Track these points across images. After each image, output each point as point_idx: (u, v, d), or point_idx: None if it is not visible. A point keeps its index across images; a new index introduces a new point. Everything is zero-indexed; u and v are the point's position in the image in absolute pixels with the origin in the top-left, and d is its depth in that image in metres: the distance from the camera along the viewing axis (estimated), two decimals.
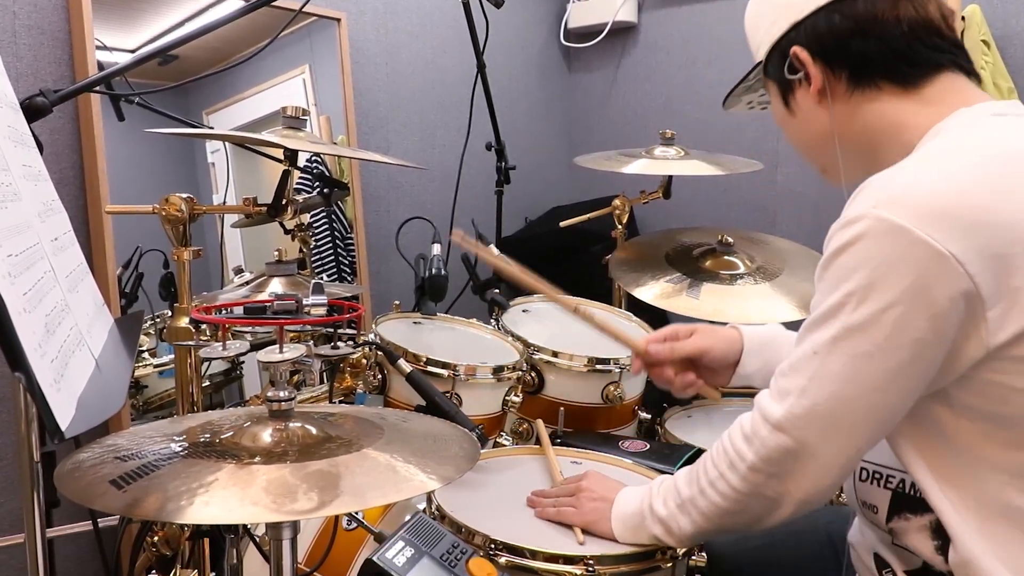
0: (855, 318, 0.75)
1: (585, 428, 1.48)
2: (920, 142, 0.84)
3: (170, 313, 1.24)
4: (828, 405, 0.78)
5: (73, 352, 0.74)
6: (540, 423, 1.34)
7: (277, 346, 0.84)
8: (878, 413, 0.78)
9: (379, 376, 1.32)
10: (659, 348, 1.09)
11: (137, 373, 1.53)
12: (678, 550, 0.96)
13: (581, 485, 1.04)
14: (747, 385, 1.12)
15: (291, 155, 1.19)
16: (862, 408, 0.78)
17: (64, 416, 0.63)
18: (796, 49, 0.89)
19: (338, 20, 1.94)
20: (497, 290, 1.62)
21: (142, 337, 1.52)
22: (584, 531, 1.00)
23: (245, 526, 1.07)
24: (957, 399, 0.78)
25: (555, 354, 1.48)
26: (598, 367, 1.47)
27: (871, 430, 0.80)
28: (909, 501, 0.86)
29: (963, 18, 1.78)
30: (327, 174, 1.92)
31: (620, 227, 1.89)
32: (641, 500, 0.97)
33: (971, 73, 0.88)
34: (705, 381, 1.12)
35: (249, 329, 1.39)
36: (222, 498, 0.66)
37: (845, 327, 0.76)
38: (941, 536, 0.82)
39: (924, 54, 0.85)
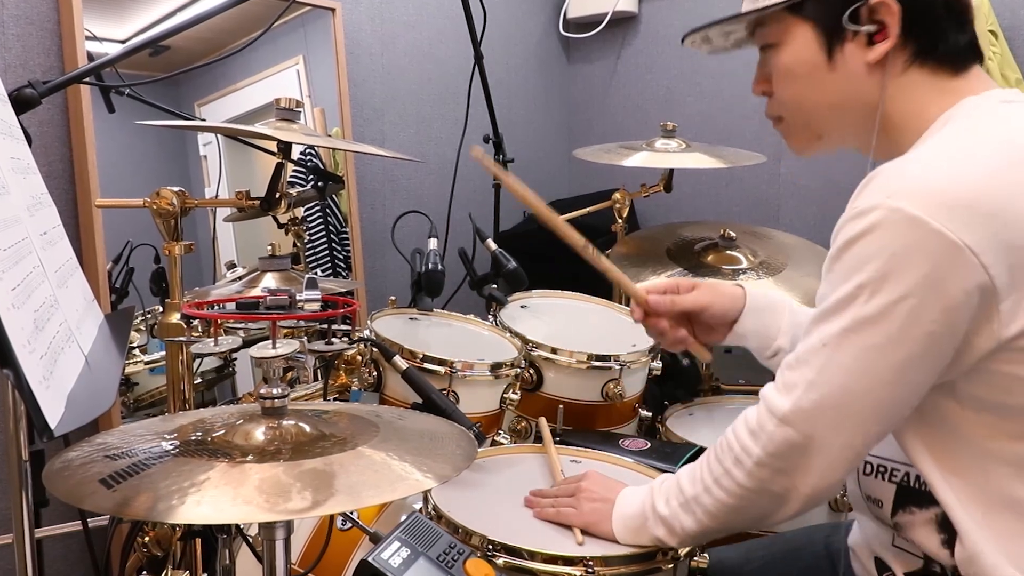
0: (867, 310, 0.73)
1: (585, 426, 1.46)
2: (928, 130, 0.82)
3: (161, 309, 1.22)
4: (836, 398, 0.77)
5: (62, 348, 0.74)
6: (543, 421, 1.33)
7: (270, 341, 0.82)
8: (887, 406, 0.77)
9: (374, 373, 1.31)
10: (660, 300, 1.06)
11: (128, 370, 1.52)
12: (680, 551, 0.94)
13: (581, 485, 1.02)
14: (740, 344, 1.09)
15: (285, 148, 1.18)
16: (871, 401, 0.77)
17: (53, 414, 0.63)
18: None
19: (332, 10, 1.92)
20: (495, 286, 1.61)
21: (133, 333, 1.51)
22: (584, 532, 0.98)
23: (238, 526, 1.05)
24: (964, 391, 0.77)
25: (554, 351, 1.46)
26: (598, 364, 1.45)
27: (880, 424, 0.79)
28: (914, 495, 0.86)
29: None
30: (321, 167, 1.90)
31: (620, 221, 1.88)
32: (642, 500, 0.95)
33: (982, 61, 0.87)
34: (700, 337, 1.09)
35: (242, 325, 1.37)
36: (214, 497, 0.65)
37: (856, 319, 0.74)
38: (947, 530, 0.81)
39: (973, 42, 0.83)
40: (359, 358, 1.36)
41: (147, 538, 1.09)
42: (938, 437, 0.80)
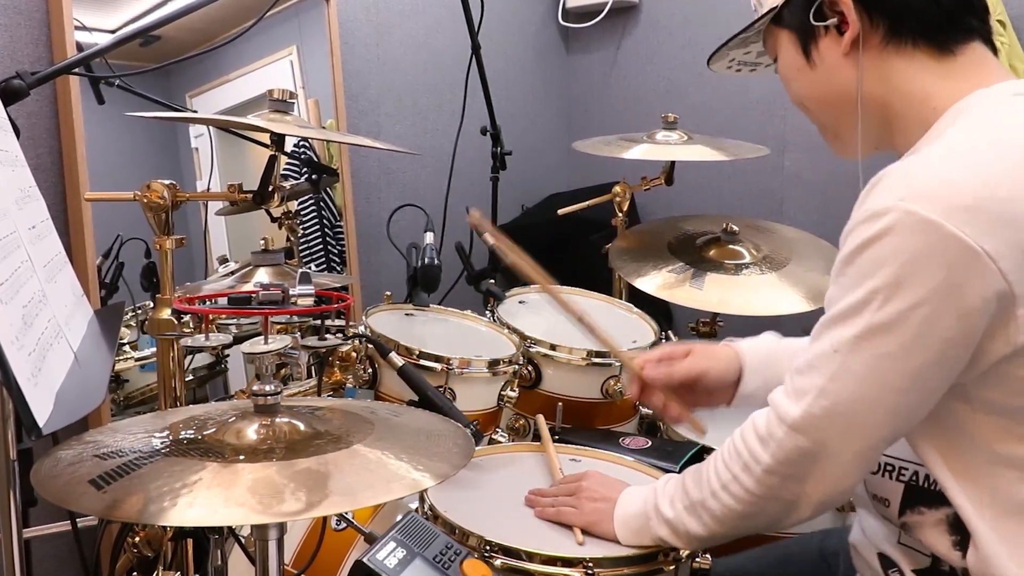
0: (880, 316, 0.72)
1: (584, 424, 1.45)
2: (938, 121, 0.81)
3: (152, 304, 1.21)
4: (848, 405, 0.76)
5: (51, 345, 0.73)
6: (541, 419, 1.31)
7: (262, 337, 0.81)
8: (900, 413, 0.76)
9: (369, 370, 1.29)
10: (655, 373, 1.04)
11: (118, 367, 1.51)
12: (682, 552, 0.93)
13: (581, 485, 1.01)
14: (746, 405, 1.05)
15: (278, 140, 1.16)
16: (884, 408, 0.75)
17: (42, 411, 0.62)
18: None
19: None
20: (492, 280, 1.59)
21: (123, 329, 1.51)
22: (584, 532, 0.97)
23: (230, 527, 1.04)
24: (975, 394, 0.76)
25: (553, 347, 1.45)
26: (597, 360, 1.44)
27: (892, 430, 0.78)
28: (924, 494, 0.85)
29: None
30: (315, 160, 1.89)
31: (621, 215, 1.86)
32: (645, 501, 0.94)
33: (992, 46, 0.85)
34: (703, 403, 1.07)
35: (234, 320, 1.36)
36: (206, 499, 0.65)
37: (869, 326, 0.73)
38: (960, 531, 0.80)
39: (963, 16, 0.82)
40: (354, 355, 1.34)
41: (137, 538, 1.07)
42: (949, 440, 0.79)
